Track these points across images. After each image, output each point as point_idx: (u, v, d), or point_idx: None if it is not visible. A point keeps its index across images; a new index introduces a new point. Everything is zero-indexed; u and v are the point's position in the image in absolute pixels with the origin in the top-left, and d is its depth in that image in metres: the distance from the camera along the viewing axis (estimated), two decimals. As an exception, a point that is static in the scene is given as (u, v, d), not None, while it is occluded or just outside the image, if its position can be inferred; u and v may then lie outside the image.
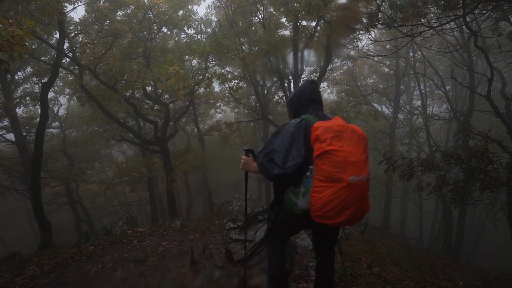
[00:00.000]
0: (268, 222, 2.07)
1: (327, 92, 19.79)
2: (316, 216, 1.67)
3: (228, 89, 10.49)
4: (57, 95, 15.40)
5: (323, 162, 1.64)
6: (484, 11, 5.19)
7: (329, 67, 12.57)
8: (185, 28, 10.96)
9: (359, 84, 16.98)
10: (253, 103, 15.55)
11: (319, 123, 1.75)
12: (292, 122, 1.83)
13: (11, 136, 12.11)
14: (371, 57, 14.09)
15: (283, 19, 9.30)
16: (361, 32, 7.81)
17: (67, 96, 15.83)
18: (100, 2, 9.10)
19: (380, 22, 5.99)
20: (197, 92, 12.81)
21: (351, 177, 1.60)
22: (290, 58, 9.56)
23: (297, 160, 1.69)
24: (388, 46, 13.49)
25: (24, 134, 11.84)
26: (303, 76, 10.40)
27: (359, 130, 1.77)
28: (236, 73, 11.07)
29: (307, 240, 3.53)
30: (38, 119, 7.02)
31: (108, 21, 9.14)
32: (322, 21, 8.17)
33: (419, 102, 16.51)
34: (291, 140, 1.75)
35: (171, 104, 13.42)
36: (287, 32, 10.29)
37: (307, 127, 1.78)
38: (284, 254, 2.09)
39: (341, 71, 16.85)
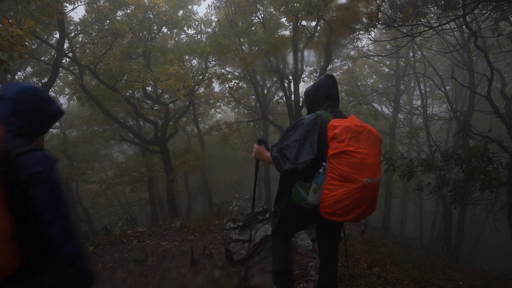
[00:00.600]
0: (275, 217, 2.05)
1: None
2: (326, 212, 1.69)
3: (228, 89, 10.49)
4: (57, 95, 15.41)
5: (339, 162, 1.64)
6: (484, 11, 5.19)
7: (329, 67, 12.58)
8: (185, 28, 10.96)
9: (359, 84, 16.97)
10: (253, 103, 15.55)
11: (336, 121, 1.73)
12: (307, 118, 1.82)
13: (11, 136, 12.09)
14: (371, 57, 14.08)
15: (283, 19, 9.29)
16: (361, 32, 7.81)
17: (67, 96, 15.83)
18: (100, 2, 9.10)
19: (380, 22, 5.99)
20: (197, 92, 12.80)
21: (365, 179, 1.61)
22: (290, 58, 9.56)
23: (309, 157, 1.69)
24: (388, 46, 13.48)
25: (24, 134, 11.82)
26: (303, 76, 10.41)
27: (375, 131, 1.77)
28: (236, 73, 11.07)
29: (307, 240, 3.53)
30: (38, 119, 7.00)
31: (108, 21, 9.13)
32: (322, 21, 8.16)
33: (419, 102, 16.51)
34: (305, 136, 1.75)
35: (171, 104, 13.41)
36: (287, 32, 10.29)
37: (323, 124, 1.77)
38: (290, 250, 2.09)
39: (341, 71, 16.84)
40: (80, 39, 10.04)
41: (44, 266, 1.16)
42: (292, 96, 9.60)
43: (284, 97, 10.24)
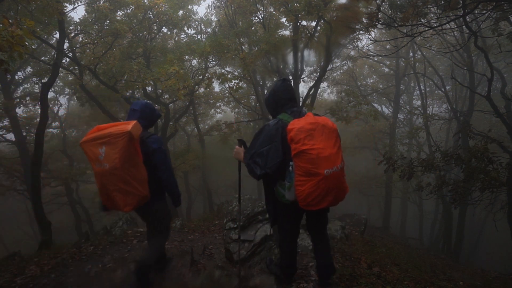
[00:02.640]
0: (269, 216, 2.29)
1: (327, 92, 19.82)
2: (302, 205, 1.91)
3: (228, 89, 10.48)
4: (57, 95, 15.40)
5: (300, 160, 1.85)
6: (484, 11, 5.19)
7: (329, 67, 12.57)
8: (185, 28, 10.95)
9: (359, 84, 16.96)
10: (253, 103, 15.54)
11: (292, 123, 1.91)
12: (271, 124, 2.03)
13: (11, 136, 12.11)
14: (371, 57, 14.08)
15: (283, 19, 9.29)
16: (361, 32, 7.81)
17: (67, 96, 15.83)
18: (100, 2, 9.10)
19: (380, 22, 5.98)
20: (197, 92, 12.79)
21: (326, 171, 1.83)
22: (290, 58, 9.56)
23: (276, 161, 1.92)
24: (388, 46, 13.48)
25: (24, 134, 11.83)
26: (303, 76, 10.40)
27: (329, 124, 1.96)
28: (236, 73, 11.06)
29: (307, 240, 3.53)
30: (38, 119, 7.01)
31: (108, 21, 9.13)
32: (322, 21, 8.16)
33: (419, 102, 16.50)
34: (269, 142, 1.95)
35: (171, 104, 13.40)
36: (287, 32, 10.29)
37: (283, 127, 1.96)
38: (295, 238, 2.30)
39: (341, 71, 16.84)
40: (80, 39, 10.03)
41: (159, 194, 2.37)
42: (292, 96, 9.58)
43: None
